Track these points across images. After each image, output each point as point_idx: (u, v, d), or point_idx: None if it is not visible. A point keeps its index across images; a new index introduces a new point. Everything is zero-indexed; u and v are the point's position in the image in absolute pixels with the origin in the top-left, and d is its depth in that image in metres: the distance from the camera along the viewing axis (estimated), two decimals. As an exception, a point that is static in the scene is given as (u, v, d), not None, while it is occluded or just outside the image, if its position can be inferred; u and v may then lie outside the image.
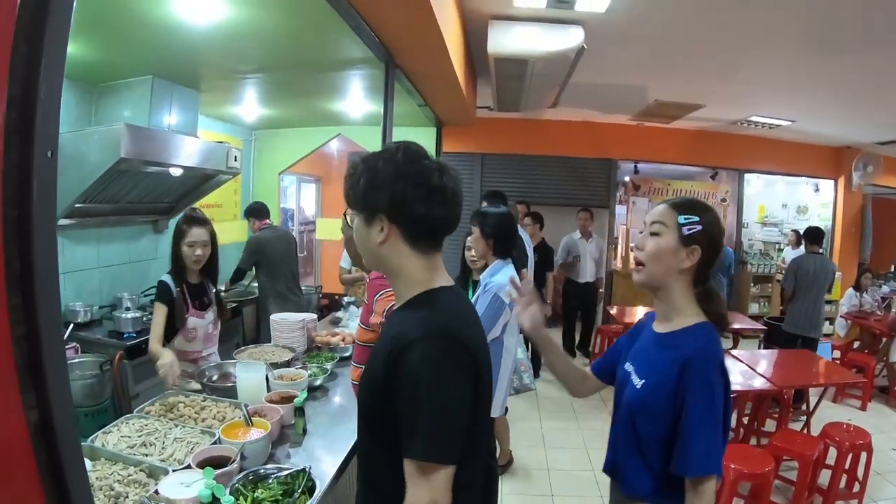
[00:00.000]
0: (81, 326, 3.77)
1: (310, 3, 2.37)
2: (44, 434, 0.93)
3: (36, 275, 0.88)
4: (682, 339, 1.55)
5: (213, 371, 2.81)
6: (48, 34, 0.86)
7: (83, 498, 1.00)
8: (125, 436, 2.09)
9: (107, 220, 4.11)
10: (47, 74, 0.87)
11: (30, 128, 0.85)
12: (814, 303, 5.42)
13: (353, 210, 1.31)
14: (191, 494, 1.67)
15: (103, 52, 3.34)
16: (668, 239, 1.57)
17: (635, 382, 1.61)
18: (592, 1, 3.47)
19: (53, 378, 0.92)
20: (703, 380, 1.44)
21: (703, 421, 1.43)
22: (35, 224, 0.87)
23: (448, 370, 1.16)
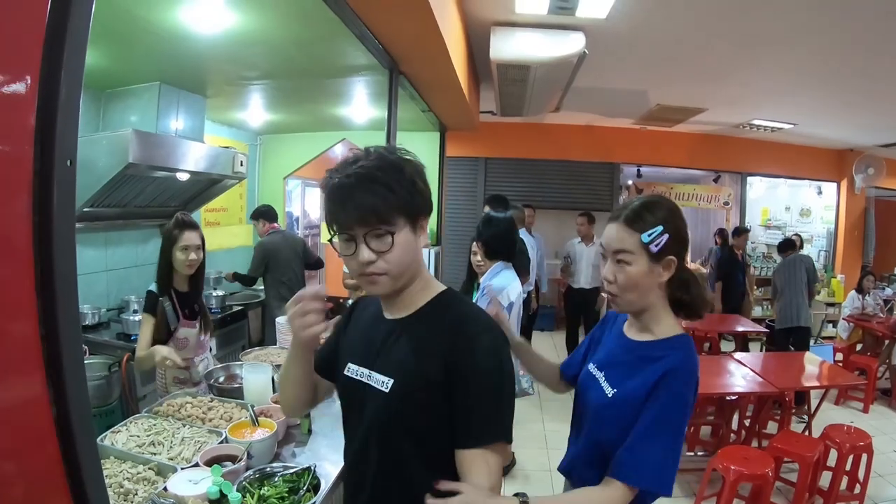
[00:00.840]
0: (89, 329, 3.83)
1: (315, 12, 2.41)
2: (62, 427, 0.97)
3: (56, 277, 0.93)
4: (663, 352, 1.44)
5: (219, 373, 2.85)
6: (67, 52, 0.91)
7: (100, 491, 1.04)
8: (134, 435, 2.13)
9: (114, 224, 4.16)
10: (67, 89, 0.92)
11: (51, 139, 0.90)
12: (794, 296, 5.83)
13: (404, 217, 1.22)
14: (199, 491, 1.71)
15: (111, 60, 3.39)
16: (639, 264, 1.44)
17: (606, 391, 1.50)
18: (593, 7, 3.51)
19: (71, 375, 0.97)
20: (678, 391, 1.36)
21: (666, 432, 1.34)
22: (56, 228, 0.92)
23: (509, 359, 1.30)
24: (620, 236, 1.45)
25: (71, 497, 0.99)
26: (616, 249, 1.46)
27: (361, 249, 1.20)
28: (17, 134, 0.88)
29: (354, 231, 1.20)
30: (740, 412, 4.61)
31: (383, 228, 1.19)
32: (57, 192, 0.92)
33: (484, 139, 7.72)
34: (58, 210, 0.93)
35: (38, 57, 0.89)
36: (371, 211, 1.17)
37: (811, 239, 9.43)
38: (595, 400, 1.52)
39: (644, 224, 1.43)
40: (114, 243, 4.27)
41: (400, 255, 1.22)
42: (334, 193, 1.20)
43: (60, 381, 0.96)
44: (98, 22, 2.62)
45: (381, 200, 1.18)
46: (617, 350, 1.58)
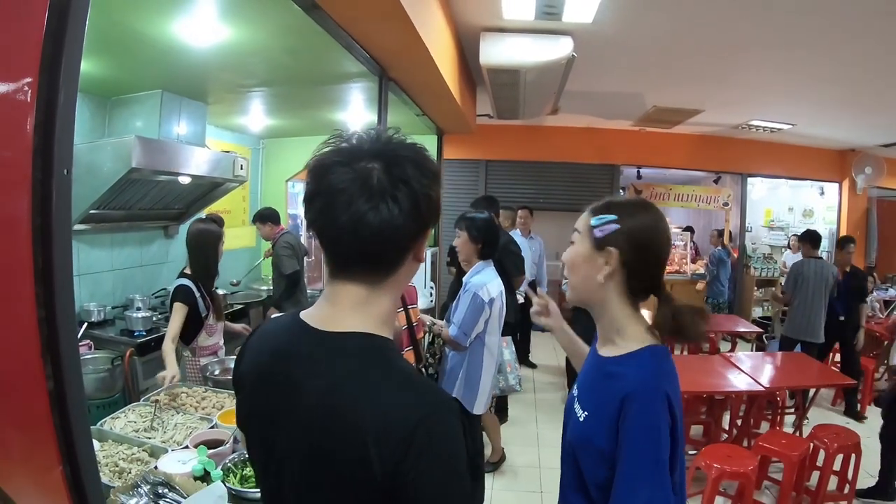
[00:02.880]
0: (95, 325, 3.97)
1: (303, 24, 2.54)
2: (58, 401, 1.12)
3: (55, 271, 1.09)
4: (625, 368, 1.31)
5: (215, 366, 3.02)
6: (64, 69, 1.05)
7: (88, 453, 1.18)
8: (131, 421, 2.30)
9: (119, 226, 4.32)
10: (64, 103, 1.06)
11: (49, 150, 1.04)
12: (812, 307, 5.40)
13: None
14: (186, 469, 1.86)
15: (115, 69, 3.54)
16: (582, 245, 1.38)
17: (578, 414, 1.38)
18: (579, 12, 3.57)
19: (67, 354, 1.12)
20: (644, 422, 1.20)
21: (643, 470, 1.19)
22: (55, 229, 1.07)
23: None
24: (579, 220, 1.42)
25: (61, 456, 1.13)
26: (574, 228, 1.42)
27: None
28: (19, 146, 1.03)
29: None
30: (732, 411, 4.66)
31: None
32: (55, 197, 1.06)
33: (485, 142, 7.82)
34: (56, 212, 1.07)
35: (36, 75, 1.02)
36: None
37: (814, 239, 9.42)
38: (572, 424, 1.41)
39: (601, 210, 1.38)
40: (119, 244, 4.42)
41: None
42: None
43: (57, 359, 1.10)
44: (102, 35, 2.83)
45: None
46: (589, 368, 1.48)
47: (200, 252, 3.16)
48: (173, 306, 3.07)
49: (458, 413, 0.94)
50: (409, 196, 0.92)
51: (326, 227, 0.93)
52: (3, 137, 1.06)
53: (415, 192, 0.93)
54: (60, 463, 1.11)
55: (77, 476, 1.15)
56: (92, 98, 4.05)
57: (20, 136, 1.02)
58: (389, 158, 0.93)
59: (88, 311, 4.00)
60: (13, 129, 1.04)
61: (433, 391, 0.97)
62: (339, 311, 0.98)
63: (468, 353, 3.13)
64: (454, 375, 3.16)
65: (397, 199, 0.91)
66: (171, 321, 3.05)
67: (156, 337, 3.89)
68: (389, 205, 0.91)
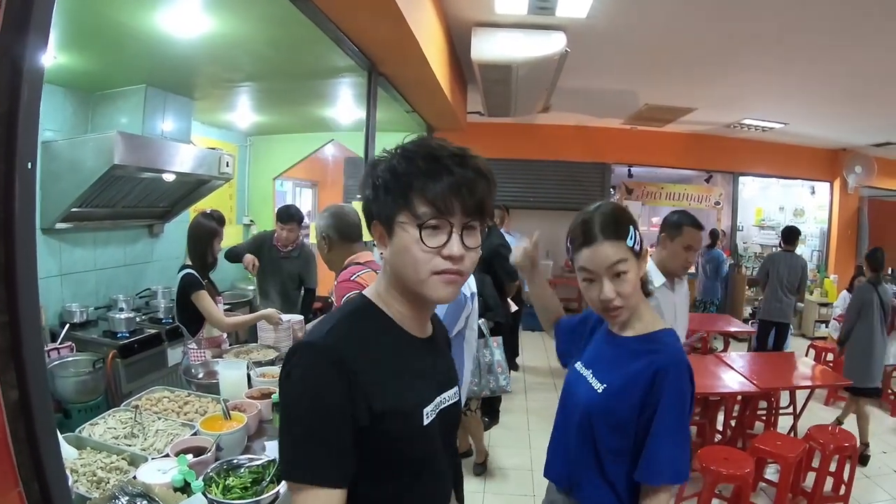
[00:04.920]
0: (77, 327, 3.86)
1: (289, 16, 2.46)
2: (22, 410, 1.03)
3: (18, 271, 1.00)
4: (651, 346, 1.49)
5: (199, 369, 2.93)
6: (28, 59, 0.97)
7: (57, 467, 1.10)
8: (111, 427, 2.20)
9: (103, 224, 4.21)
10: (28, 96, 0.98)
11: (12, 143, 0.96)
12: (783, 293, 5.97)
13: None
14: (165, 480, 1.77)
15: (97, 63, 3.45)
16: (633, 269, 1.47)
17: (595, 387, 1.52)
18: (573, 7, 3.54)
19: (32, 361, 1.03)
20: (677, 387, 1.39)
21: (674, 429, 1.39)
22: (17, 226, 0.99)
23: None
24: (613, 251, 1.44)
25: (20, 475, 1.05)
26: (614, 262, 1.43)
27: (454, 241, 1.02)
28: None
29: (454, 219, 1.02)
30: (726, 412, 4.63)
31: (478, 224, 1.07)
32: (19, 192, 0.98)
33: (475, 140, 7.65)
34: (19, 208, 0.99)
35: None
36: (481, 201, 1.05)
37: (805, 239, 9.44)
38: (585, 397, 1.54)
39: (623, 229, 1.45)
40: (102, 243, 4.32)
41: (477, 259, 1.10)
42: (438, 165, 1.03)
43: (21, 366, 1.02)
44: (84, 27, 2.74)
45: (493, 197, 1.09)
46: (603, 347, 1.61)
47: (198, 244, 3.30)
48: (194, 295, 3.16)
49: (301, 354, 1.03)
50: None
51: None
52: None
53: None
54: (18, 484, 1.03)
55: (46, 496, 1.07)
56: (75, 93, 3.96)
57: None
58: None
59: (71, 312, 3.90)
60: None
61: (307, 334, 1.16)
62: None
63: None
64: None
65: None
66: (205, 310, 3.18)
67: (139, 338, 3.80)
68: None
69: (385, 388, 1.04)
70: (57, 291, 3.91)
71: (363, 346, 1.05)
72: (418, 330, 1.16)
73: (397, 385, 1.07)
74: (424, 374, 1.14)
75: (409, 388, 1.09)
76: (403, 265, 1.05)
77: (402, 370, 1.09)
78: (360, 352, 1.04)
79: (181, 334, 3.50)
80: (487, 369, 3.69)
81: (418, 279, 1.04)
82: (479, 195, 1.04)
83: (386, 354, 1.08)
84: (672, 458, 1.39)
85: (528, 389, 5.79)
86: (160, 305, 4.39)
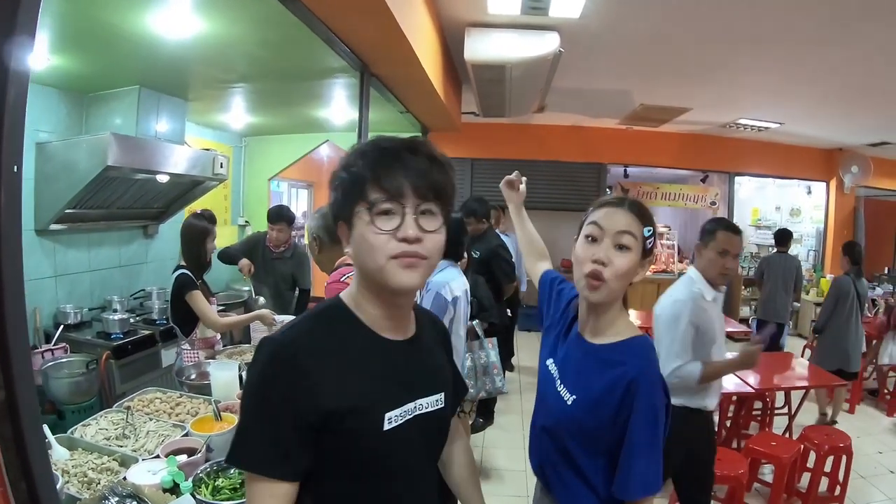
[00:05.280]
0: (71, 328, 3.86)
1: (280, 16, 2.46)
2: (9, 410, 1.04)
3: (4, 275, 1.00)
4: (623, 356, 1.41)
5: (191, 370, 2.94)
6: (12, 62, 0.97)
7: (44, 467, 1.11)
8: (103, 428, 2.21)
9: (97, 226, 4.21)
10: (13, 99, 0.98)
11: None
12: (778, 294, 6.12)
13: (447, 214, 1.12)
14: (155, 481, 1.77)
15: (91, 64, 3.45)
16: (636, 255, 1.41)
17: (564, 397, 1.47)
18: (566, 7, 3.54)
19: (18, 362, 1.03)
20: (649, 402, 1.34)
21: (647, 444, 1.34)
22: (3, 231, 0.98)
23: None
24: (629, 220, 1.42)
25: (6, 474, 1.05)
26: (623, 230, 1.40)
27: (408, 222, 1.03)
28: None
29: (406, 201, 1.03)
30: (721, 412, 4.62)
31: (435, 207, 1.07)
32: (4, 196, 0.98)
33: (470, 140, 7.77)
34: (5, 211, 0.99)
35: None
36: (436, 185, 1.06)
37: (801, 238, 9.46)
38: (554, 407, 1.50)
39: (646, 218, 1.45)
40: (97, 244, 4.32)
41: (441, 243, 1.10)
42: (388, 155, 1.05)
43: (8, 368, 1.02)
44: (77, 29, 2.74)
45: (449, 182, 1.10)
46: (575, 353, 1.53)
47: (191, 244, 3.31)
48: (188, 295, 3.16)
49: (257, 351, 1.06)
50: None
51: None
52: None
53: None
54: (5, 483, 1.03)
55: (34, 496, 1.07)
56: (69, 94, 3.96)
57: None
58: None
59: (65, 313, 3.90)
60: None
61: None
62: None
63: None
64: None
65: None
66: (199, 310, 3.16)
67: (133, 339, 3.81)
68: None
69: (338, 388, 1.03)
70: (51, 292, 3.90)
71: (319, 346, 1.06)
72: (392, 332, 1.14)
73: (353, 386, 1.05)
74: (391, 378, 1.12)
75: (367, 391, 1.07)
76: (363, 255, 1.05)
77: (361, 372, 1.08)
78: (314, 350, 1.04)
79: (175, 335, 3.51)
80: (483, 371, 3.66)
81: (377, 265, 1.03)
82: (431, 178, 1.05)
83: (344, 355, 1.07)
84: (645, 474, 1.35)
85: (524, 390, 5.79)
86: (154, 306, 4.38)
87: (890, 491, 3.98)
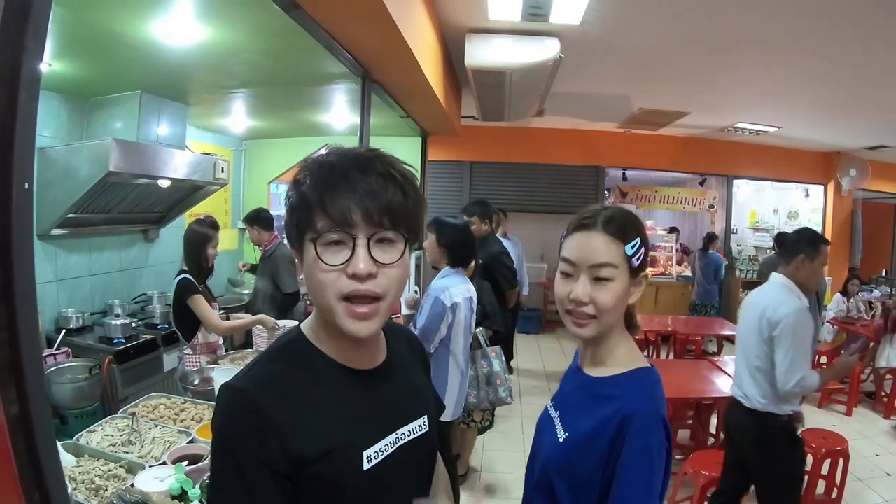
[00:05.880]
0: (73, 332, 3.86)
1: (283, 24, 2.48)
2: (23, 424, 1.06)
3: (16, 288, 1.01)
4: (619, 390, 1.23)
5: (194, 376, 2.95)
6: (22, 86, 0.98)
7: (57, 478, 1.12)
8: (108, 434, 2.23)
9: (98, 230, 4.21)
10: (23, 120, 0.99)
11: (9, 165, 0.98)
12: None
13: (410, 234, 0.98)
14: (163, 487, 1.79)
15: (93, 70, 3.46)
16: (623, 281, 1.22)
17: (558, 434, 1.28)
18: (566, 14, 3.56)
19: (31, 377, 1.05)
20: (643, 445, 1.14)
21: (639, 495, 1.14)
22: (15, 244, 1.00)
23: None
24: (604, 248, 1.20)
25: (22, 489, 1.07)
26: (597, 263, 1.20)
27: (358, 255, 0.90)
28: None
29: (355, 230, 0.90)
30: (719, 416, 4.64)
31: (393, 235, 0.93)
32: (15, 211, 1.00)
33: (469, 143, 7.79)
34: (17, 227, 1.00)
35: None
36: (393, 208, 0.92)
37: (799, 241, 9.47)
38: (547, 443, 1.31)
39: (626, 233, 1.22)
40: (98, 249, 4.32)
41: (402, 277, 0.97)
42: (335, 175, 0.91)
43: (21, 382, 1.04)
44: (79, 35, 2.76)
45: (412, 202, 0.95)
46: (573, 388, 1.38)
47: (193, 250, 3.34)
48: (190, 299, 3.19)
49: (219, 397, 0.96)
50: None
51: None
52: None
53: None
54: (20, 494, 1.05)
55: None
56: (70, 99, 3.96)
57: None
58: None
59: (67, 318, 3.90)
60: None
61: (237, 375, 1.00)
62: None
63: (433, 360, 3.07)
64: None
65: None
66: (201, 313, 3.20)
67: (135, 344, 3.82)
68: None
69: (307, 431, 0.93)
70: (53, 297, 3.91)
71: (282, 388, 0.95)
72: (361, 361, 1.03)
73: (322, 427, 0.95)
74: (366, 412, 1.02)
75: (339, 430, 0.97)
76: (312, 291, 0.95)
77: (331, 410, 0.98)
78: (276, 394, 0.94)
79: (177, 340, 3.53)
80: (486, 381, 3.57)
81: (327, 305, 0.93)
82: (384, 201, 0.91)
83: (309, 394, 0.97)
84: None
85: (523, 393, 5.80)
86: (156, 311, 4.38)
87: (887, 493, 4.00)
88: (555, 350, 7.76)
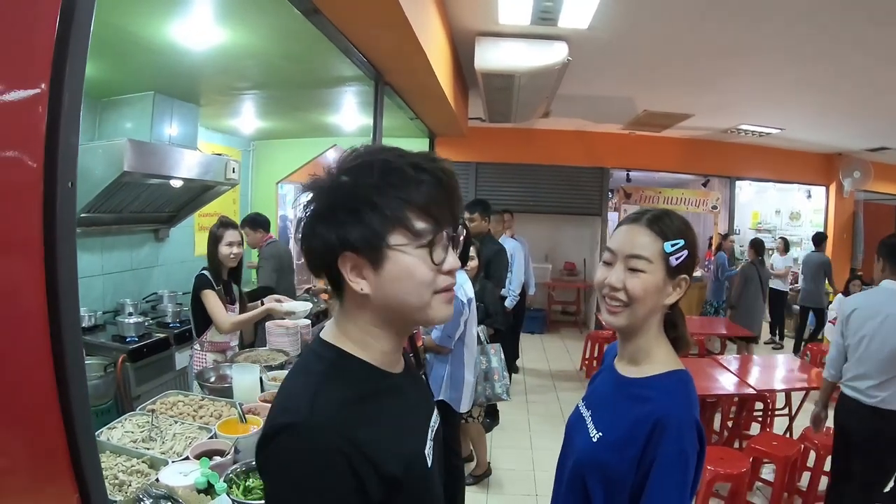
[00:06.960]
0: (86, 331, 3.89)
1: (301, 28, 2.51)
2: (65, 419, 1.10)
3: (60, 289, 1.05)
4: (654, 391, 1.25)
5: (210, 373, 2.98)
6: (69, 73, 1.02)
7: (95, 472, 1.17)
8: (128, 431, 2.25)
9: (110, 229, 4.26)
10: (69, 111, 1.03)
11: (53, 162, 1.02)
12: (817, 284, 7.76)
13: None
14: (188, 482, 1.83)
15: (107, 71, 3.49)
16: (657, 276, 1.25)
17: (591, 433, 1.31)
18: (575, 18, 3.59)
19: (73, 372, 1.09)
20: (677, 448, 1.16)
21: (671, 497, 1.16)
22: (59, 246, 1.04)
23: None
24: (641, 241, 1.27)
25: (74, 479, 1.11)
26: (631, 254, 1.26)
27: (451, 253, 0.95)
28: (29, 161, 1.01)
29: (451, 231, 0.95)
30: (723, 413, 4.69)
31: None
32: (59, 209, 1.04)
33: (475, 144, 7.82)
34: (61, 224, 1.04)
35: (47, 93, 1.00)
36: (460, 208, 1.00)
37: (800, 242, 9.53)
38: (580, 443, 1.33)
39: (668, 232, 1.27)
40: (109, 248, 4.36)
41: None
42: (435, 179, 0.92)
43: (63, 376, 1.08)
44: (94, 36, 2.78)
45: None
46: (607, 387, 1.40)
47: (209, 248, 3.36)
48: (202, 294, 3.21)
49: (291, 438, 0.86)
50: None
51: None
52: (17, 147, 1.03)
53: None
54: (77, 491, 1.09)
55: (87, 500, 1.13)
56: (83, 99, 3.98)
57: (33, 146, 1.00)
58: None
59: (80, 317, 3.93)
60: (25, 140, 1.01)
61: (282, 409, 0.92)
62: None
63: (451, 354, 3.19)
64: (438, 378, 3.20)
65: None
66: (209, 308, 3.19)
67: (148, 343, 3.85)
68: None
69: (388, 448, 0.90)
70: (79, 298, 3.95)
71: (355, 412, 0.90)
72: (395, 365, 1.03)
73: (399, 439, 0.94)
74: (414, 412, 1.04)
75: (409, 437, 0.98)
76: (405, 293, 0.92)
77: (398, 421, 0.97)
78: (354, 420, 0.89)
79: (189, 338, 3.56)
80: (484, 376, 3.69)
81: (422, 303, 0.93)
82: (461, 200, 0.98)
83: (379, 411, 0.94)
84: None
85: (529, 391, 5.85)
86: (167, 309, 4.41)
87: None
88: (559, 349, 7.81)
